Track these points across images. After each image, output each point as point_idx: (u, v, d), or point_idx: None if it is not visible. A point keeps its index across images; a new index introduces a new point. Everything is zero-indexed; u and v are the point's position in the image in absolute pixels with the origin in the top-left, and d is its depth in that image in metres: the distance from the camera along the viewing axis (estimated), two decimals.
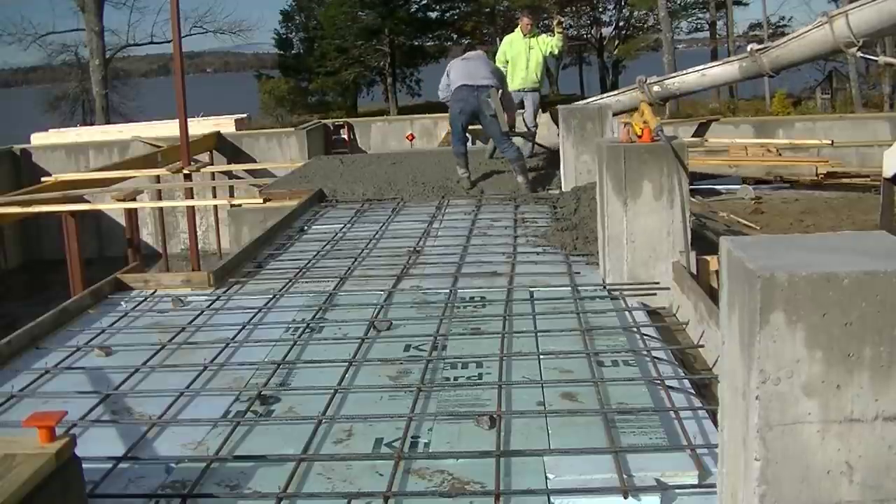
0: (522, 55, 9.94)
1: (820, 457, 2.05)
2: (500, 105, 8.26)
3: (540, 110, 10.31)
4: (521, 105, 9.95)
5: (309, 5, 38.07)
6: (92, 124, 27.02)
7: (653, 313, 4.77)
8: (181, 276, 5.89)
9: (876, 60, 11.94)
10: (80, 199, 11.09)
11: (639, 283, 5.05)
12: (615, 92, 9.32)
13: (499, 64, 9.79)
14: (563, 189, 8.19)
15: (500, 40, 10.46)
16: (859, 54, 7.23)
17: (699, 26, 39.79)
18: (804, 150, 13.77)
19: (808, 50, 7.18)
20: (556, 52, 10.07)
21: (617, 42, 39.55)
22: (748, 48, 7.97)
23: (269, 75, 38.26)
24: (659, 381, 3.68)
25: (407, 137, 17.98)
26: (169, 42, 27.37)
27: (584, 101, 10.33)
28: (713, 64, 8.63)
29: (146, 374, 4.13)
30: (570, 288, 5.16)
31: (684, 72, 8.57)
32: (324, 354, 4.24)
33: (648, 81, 8.58)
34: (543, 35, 10.47)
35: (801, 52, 7.26)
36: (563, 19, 11.23)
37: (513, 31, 10.37)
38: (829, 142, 13.29)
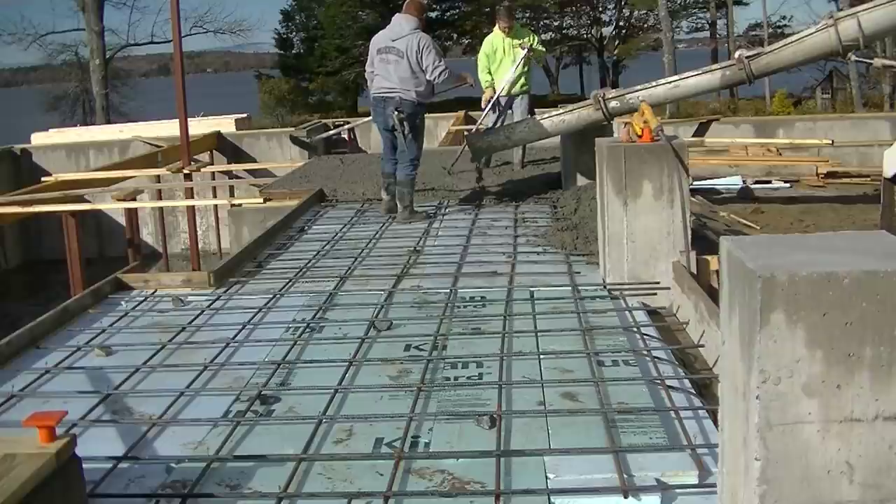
0: (508, 57, 9.17)
1: (820, 456, 2.05)
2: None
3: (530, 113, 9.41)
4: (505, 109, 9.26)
5: (309, 5, 38.01)
6: (92, 124, 27.00)
7: (653, 313, 4.77)
8: (181, 275, 5.89)
9: (871, 63, 11.72)
10: (81, 199, 11.08)
11: (639, 282, 5.05)
12: (560, 111, 7.87)
13: (481, 69, 9.24)
14: (563, 189, 8.19)
15: None
16: (854, 58, 6.99)
17: (699, 26, 39.74)
18: (804, 150, 13.76)
19: (802, 55, 6.86)
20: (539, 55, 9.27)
21: (617, 42, 39.52)
22: (736, 55, 7.15)
23: (269, 75, 38.19)
24: (659, 381, 3.69)
25: None
26: (169, 42, 27.42)
27: (502, 125, 8.61)
28: (689, 73, 7.10)
29: (146, 373, 4.13)
30: (570, 288, 5.17)
31: (653, 83, 7.33)
32: (324, 354, 4.24)
33: (606, 96, 7.28)
34: (523, 30, 9.66)
35: (793, 57, 6.90)
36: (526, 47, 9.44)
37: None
38: (830, 141, 13.29)
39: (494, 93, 9.24)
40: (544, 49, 9.35)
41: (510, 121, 9.14)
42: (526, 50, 9.18)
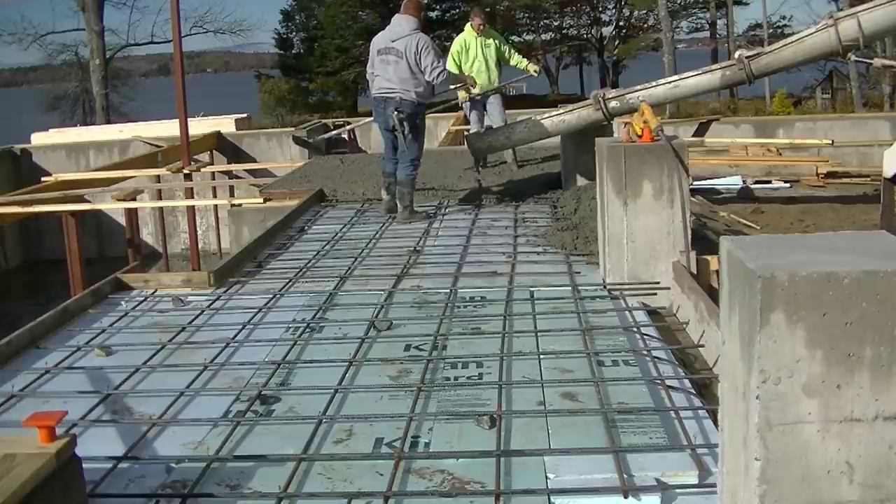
0: (481, 55, 9.40)
1: (820, 456, 2.05)
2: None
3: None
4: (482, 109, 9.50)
5: (309, 5, 38.02)
6: (92, 124, 27.00)
7: (653, 313, 4.77)
8: (181, 275, 5.89)
9: (871, 63, 11.70)
10: (81, 199, 11.08)
11: (639, 282, 5.05)
12: (560, 110, 7.91)
13: (452, 68, 9.18)
14: (563, 189, 8.18)
15: None
16: (854, 58, 6.99)
17: (699, 26, 39.78)
18: (804, 150, 13.77)
19: (802, 55, 6.87)
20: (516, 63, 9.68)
21: (617, 42, 39.53)
22: (736, 55, 7.14)
23: (269, 75, 38.19)
24: (659, 381, 3.69)
25: None
26: (169, 42, 27.41)
27: (500, 127, 8.76)
28: (689, 73, 7.25)
29: (146, 374, 4.13)
30: (570, 288, 5.17)
31: (653, 83, 7.32)
32: (324, 354, 4.24)
33: (606, 96, 7.31)
34: (492, 31, 9.87)
35: (793, 57, 6.90)
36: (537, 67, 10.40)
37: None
38: (830, 141, 13.29)
39: (478, 91, 9.27)
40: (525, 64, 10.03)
41: (486, 118, 9.47)
42: (532, 73, 10.00)
